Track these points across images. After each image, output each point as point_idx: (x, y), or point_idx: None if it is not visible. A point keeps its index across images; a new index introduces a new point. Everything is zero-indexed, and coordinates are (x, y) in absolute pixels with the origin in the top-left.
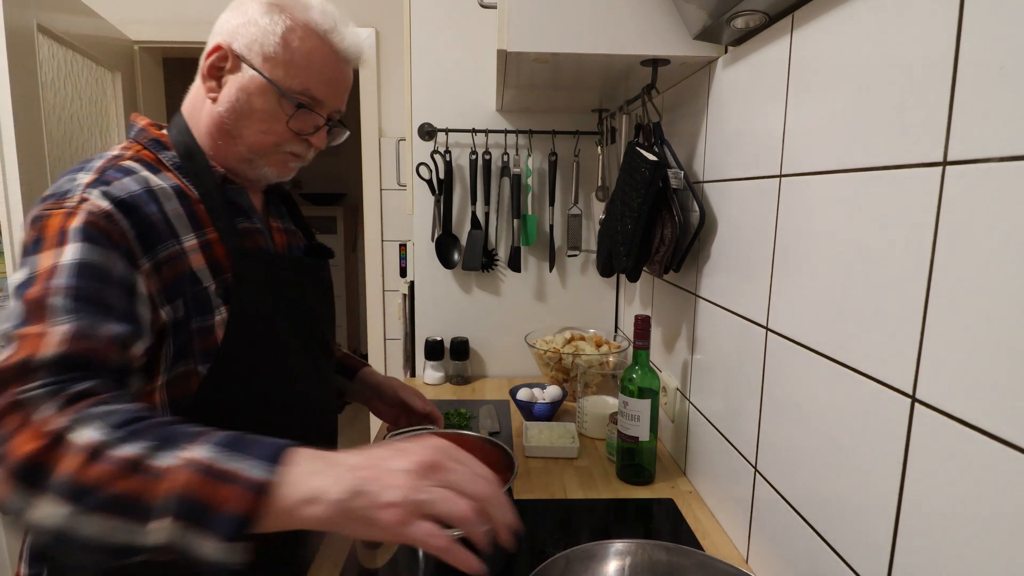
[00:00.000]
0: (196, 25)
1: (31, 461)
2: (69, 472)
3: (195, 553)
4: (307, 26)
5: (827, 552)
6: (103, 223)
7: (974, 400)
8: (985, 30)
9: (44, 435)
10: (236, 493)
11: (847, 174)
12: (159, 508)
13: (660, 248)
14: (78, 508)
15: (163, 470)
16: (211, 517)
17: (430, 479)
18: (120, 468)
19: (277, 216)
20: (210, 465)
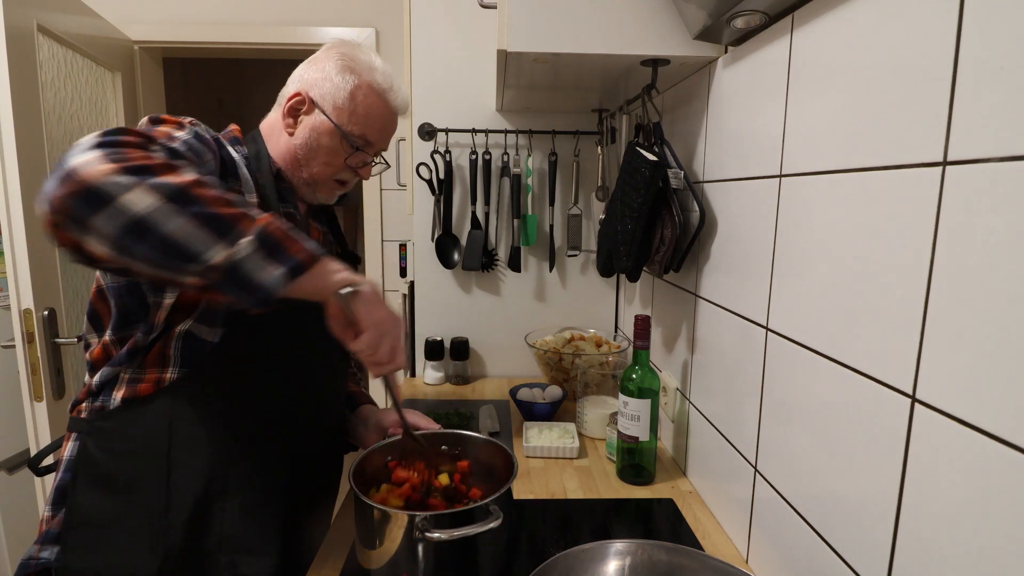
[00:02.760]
0: (196, 25)
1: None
2: (180, 182)
3: (252, 274)
4: (370, 85)
5: (827, 552)
6: (208, 141)
7: (974, 400)
8: (985, 30)
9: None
10: (302, 249)
11: (847, 174)
12: (245, 233)
13: (660, 248)
14: (175, 206)
15: (255, 215)
16: (281, 254)
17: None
18: (223, 199)
19: (317, 220)
20: (288, 229)
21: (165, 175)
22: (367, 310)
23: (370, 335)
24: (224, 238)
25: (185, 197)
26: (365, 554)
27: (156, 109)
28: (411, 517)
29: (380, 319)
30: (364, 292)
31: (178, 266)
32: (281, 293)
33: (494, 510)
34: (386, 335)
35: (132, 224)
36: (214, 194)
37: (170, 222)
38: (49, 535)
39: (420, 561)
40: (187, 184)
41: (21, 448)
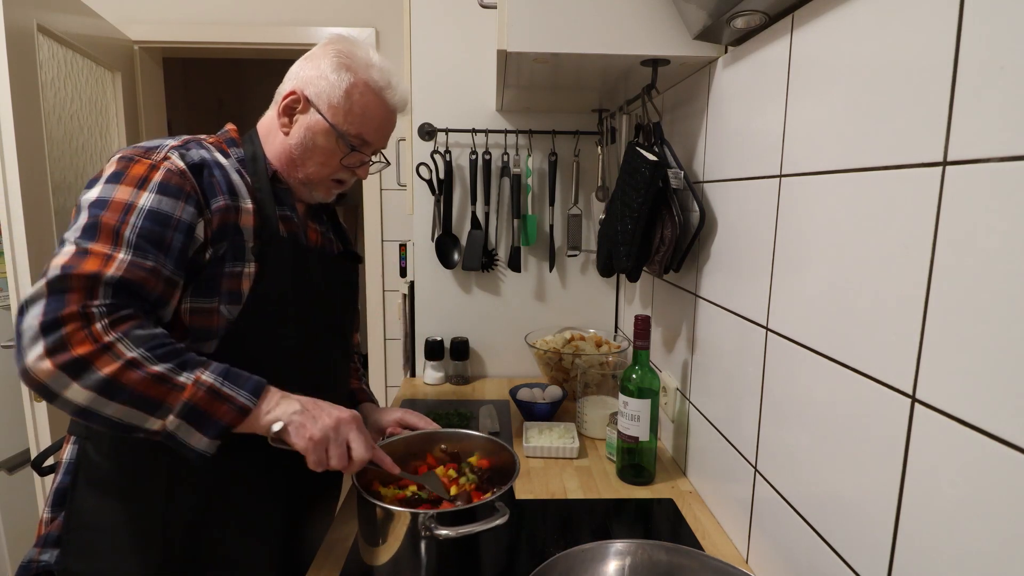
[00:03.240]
0: (196, 25)
1: (82, 359)
2: (109, 373)
3: (185, 441)
4: (367, 83)
5: (827, 552)
6: (177, 179)
7: (974, 400)
8: (985, 30)
9: (98, 343)
10: (228, 409)
11: (847, 174)
12: (172, 409)
13: (660, 248)
14: (107, 396)
15: (180, 384)
16: (207, 422)
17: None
18: (149, 378)
19: (315, 220)
20: (213, 387)
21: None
22: (299, 436)
23: (313, 456)
24: (154, 415)
25: (113, 387)
26: (368, 552)
27: (156, 109)
28: (414, 515)
29: (311, 439)
30: (291, 423)
31: (126, 433)
32: (213, 451)
33: (500, 507)
34: (331, 444)
35: (78, 411)
36: (141, 376)
37: (106, 408)
38: (49, 538)
39: (423, 560)
40: (115, 373)
41: (21, 448)
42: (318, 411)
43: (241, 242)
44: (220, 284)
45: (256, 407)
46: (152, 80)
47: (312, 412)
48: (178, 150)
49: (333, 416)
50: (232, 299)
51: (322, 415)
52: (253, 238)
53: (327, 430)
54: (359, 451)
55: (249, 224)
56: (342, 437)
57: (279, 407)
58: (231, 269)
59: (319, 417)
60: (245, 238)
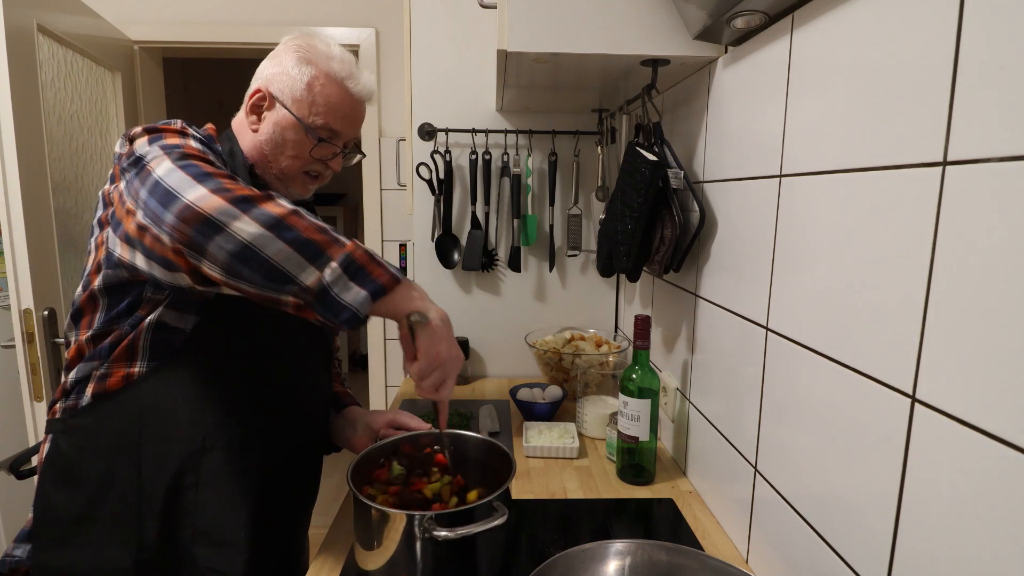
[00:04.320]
0: (196, 25)
1: (250, 197)
2: (277, 212)
3: (339, 296)
4: (327, 75)
5: (827, 552)
6: (205, 141)
7: (974, 400)
8: (985, 30)
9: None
10: (384, 273)
11: (847, 174)
12: (333, 259)
13: (660, 248)
14: (274, 234)
15: (342, 241)
16: (365, 277)
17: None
18: (314, 226)
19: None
20: (371, 252)
21: (265, 204)
22: (428, 341)
23: (422, 364)
24: (315, 262)
25: (283, 225)
26: (364, 555)
27: (156, 109)
28: (410, 517)
29: (437, 353)
30: (431, 323)
31: (278, 287)
32: (366, 312)
33: (498, 507)
34: (438, 369)
35: (239, 250)
36: (306, 223)
37: (270, 247)
38: (21, 533)
39: (419, 562)
40: (284, 213)
41: (21, 448)
42: (453, 335)
43: None
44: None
45: (405, 284)
46: (152, 80)
47: (451, 331)
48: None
49: (458, 350)
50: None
51: (455, 342)
52: None
53: (451, 356)
54: (449, 390)
55: None
56: (452, 370)
57: (427, 302)
58: None
59: (453, 341)
60: None
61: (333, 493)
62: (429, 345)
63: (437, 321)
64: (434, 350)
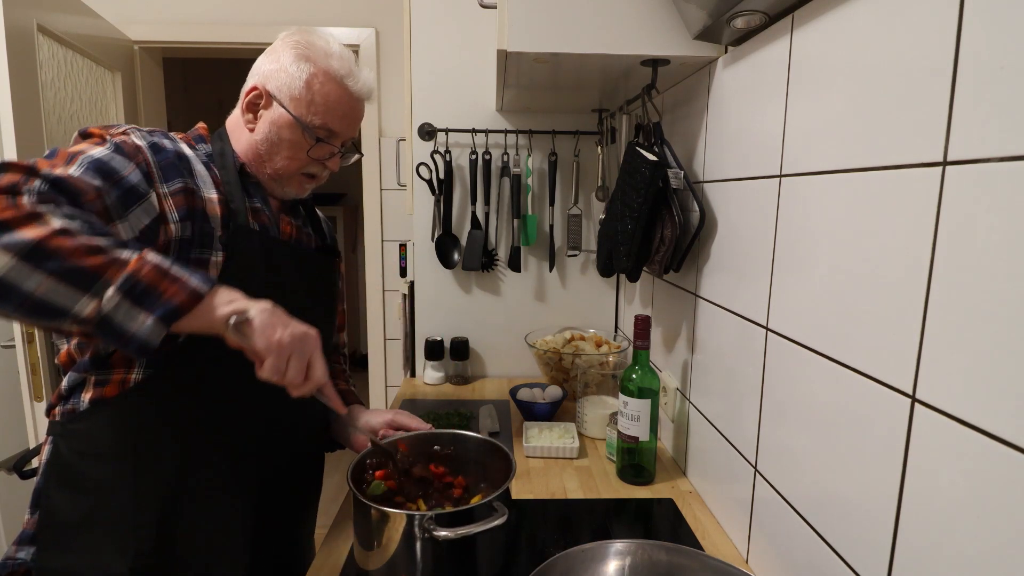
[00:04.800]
0: (196, 25)
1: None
2: (34, 237)
3: (123, 326)
4: (327, 72)
5: (827, 552)
6: (132, 149)
7: (974, 400)
8: (985, 30)
9: (23, 211)
10: (178, 290)
11: (847, 174)
12: (111, 283)
13: (660, 248)
14: (31, 264)
15: (123, 260)
16: (154, 300)
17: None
18: (85, 247)
19: (291, 214)
20: (160, 266)
21: (23, 228)
22: (262, 336)
23: (272, 361)
24: (88, 291)
25: (41, 253)
26: (363, 555)
27: (156, 109)
28: (410, 517)
29: (278, 341)
30: (254, 319)
31: (49, 320)
32: (157, 340)
33: (498, 507)
34: (293, 355)
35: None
36: (75, 243)
37: (28, 281)
38: (25, 536)
39: (419, 562)
40: (43, 237)
41: (21, 448)
42: (287, 318)
43: (209, 230)
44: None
45: (211, 294)
46: (152, 80)
47: (282, 316)
48: (139, 131)
49: (303, 328)
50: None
51: (292, 322)
52: (221, 228)
53: (296, 338)
54: (319, 371)
55: (216, 213)
56: (307, 351)
57: (242, 301)
58: (198, 256)
59: (289, 323)
60: (212, 226)
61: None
62: (264, 340)
63: (259, 314)
64: (271, 342)
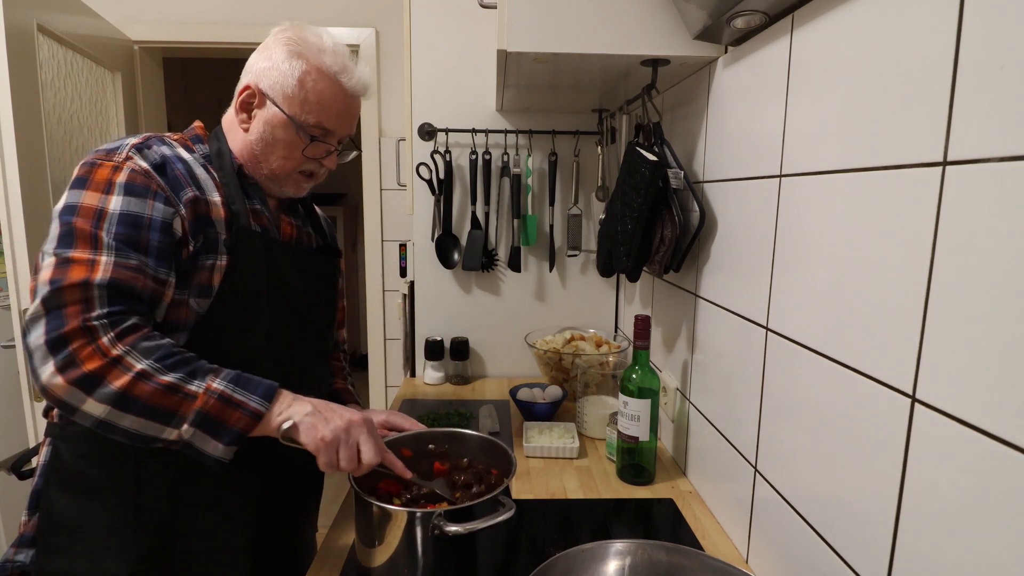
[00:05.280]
0: (196, 25)
1: (93, 374)
2: (120, 387)
3: (202, 449)
4: (320, 69)
5: (827, 552)
6: (142, 179)
7: (974, 400)
8: (985, 30)
9: (106, 358)
10: (241, 415)
11: (847, 174)
12: (185, 418)
13: (660, 248)
14: (122, 409)
15: (192, 393)
16: (221, 429)
17: (347, 434)
18: (161, 390)
19: (290, 214)
20: (224, 393)
21: (111, 379)
22: (309, 437)
23: (324, 456)
24: (169, 424)
25: (127, 400)
26: (365, 553)
27: (156, 109)
28: (411, 515)
29: (322, 439)
30: (302, 423)
31: (145, 444)
32: (230, 457)
33: (505, 501)
34: (340, 446)
35: (97, 423)
36: (152, 388)
37: (123, 421)
38: (24, 538)
39: (420, 560)
40: (127, 387)
41: (21, 448)
42: (330, 412)
43: (214, 235)
44: (192, 277)
45: (268, 411)
46: (152, 80)
47: (324, 413)
48: (138, 148)
49: (344, 418)
50: (202, 292)
51: (333, 416)
52: (224, 230)
53: (338, 431)
54: (368, 454)
55: (220, 216)
56: (352, 439)
57: (291, 408)
58: (203, 262)
59: (331, 419)
60: (218, 230)
61: (333, 493)
62: (312, 441)
63: (302, 417)
64: (319, 441)
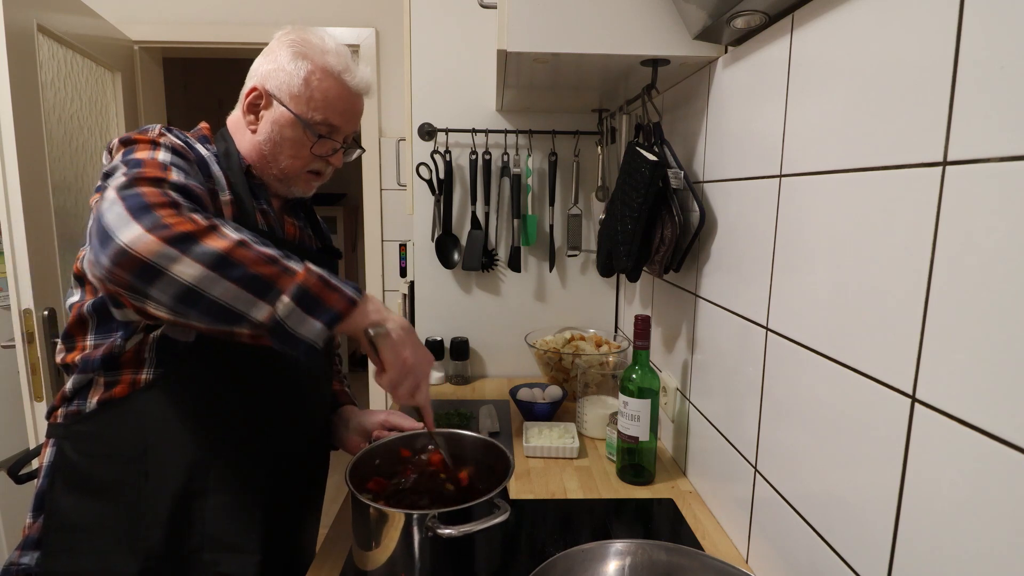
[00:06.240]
0: (196, 25)
1: (190, 233)
2: (220, 247)
3: (294, 329)
4: (324, 68)
5: (827, 552)
6: (182, 149)
7: (974, 400)
8: (985, 30)
9: (200, 224)
10: (339, 298)
11: (847, 174)
12: (285, 290)
13: (660, 248)
14: (220, 272)
15: (292, 269)
16: (320, 307)
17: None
18: (261, 258)
19: (292, 215)
20: (323, 275)
21: (207, 240)
22: (392, 351)
23: (391, 374)
24: (265, 297)
25: (227, 262)
26: (362, 556)
27: (156, 109)
28: (409, 516)
29: (403, 361)
30: (391, 334)
31: (228, 324)
32: (322, 342)
33: (500, 504)
34: (408, 375)
35: (183, 293)
36: (253, 255)
37: (215, 287)
38: (29, 540)
39: (418, 562)
40: (228, 249)
41: (21, 448)
42: (417, 340)
43: None
44: None
45: (362, 303)
46: (152, 80)
47: (414, 337)
48: (168, 130)
49: (426, 352)
50: None
51: (419, 345)
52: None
53: (418, 361)
54: (424, 393)
55: (229, 215)
56: (422, 373)
57: (385, 313)
58: None
59: (417, 345)
60: None
61: (333, 493)
62: (393, 355)
63: (397, 330)
64: (399, 358)
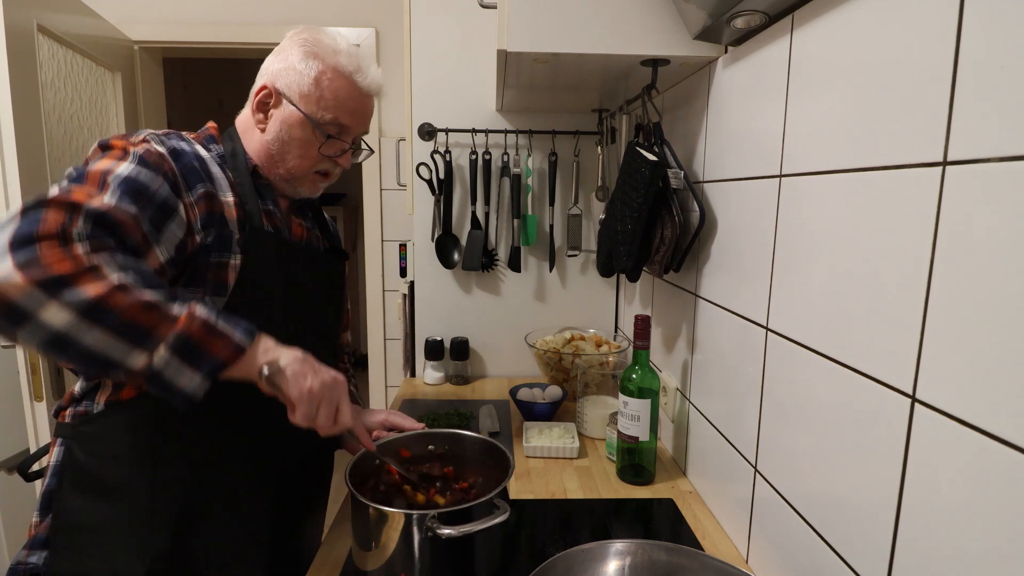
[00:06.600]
0: (196, 25)
1: (63, 276)
2: (94, 293)
3: (172, 381)
4: (335, 69)
5: (827, 552)
6: (156, 158)
7: (974, 400)
8: (985, 30)
9: (81, 264)
10: (224, 345)
11: (847, 174)
12: (162, 339)
13: (660, 248)
14: (90, 320)
15: (174, 316)
16: (201, 357)
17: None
18: (140, 304)
19: (300, 216)
20: (208, 321)
21: (83, 284)
22: (294, 386)
23: (302, 409)
24: (140, 346)
25: (99, 310)
26: (362, 556)
27: (156, 109)
28: (408, 516)
29: (308, 391)
30: (285, 369)
31: (102, 370)
32: (201, 394)
33: (500, 504)
34: (320, 404)
35: (51, 339)
36: (130, 300)
37: (86, 336)
38: (37, 540)
39: (418, 562)
40: (102, 295)
41: (21, 448)
42: (317, 365)
43: (227, 233)
44: (206, 274)
45: (252, 346)
46: (152, 80)
47: (312, 365)
48: (157, 136)
49: (331, 374)
50: (217, 290)
51: (322, 370)
52: (238, 231)
53: (325, 386)
54: (346, 415)
55: (233, 216)
56: (335, 397)
57: (277, 350)
58: (217, 260)
59: (319, 371)
60: (231, 229)
61: (333, 494)
62: (297, 389)
63: (292, 364)
64: (303, 391)
